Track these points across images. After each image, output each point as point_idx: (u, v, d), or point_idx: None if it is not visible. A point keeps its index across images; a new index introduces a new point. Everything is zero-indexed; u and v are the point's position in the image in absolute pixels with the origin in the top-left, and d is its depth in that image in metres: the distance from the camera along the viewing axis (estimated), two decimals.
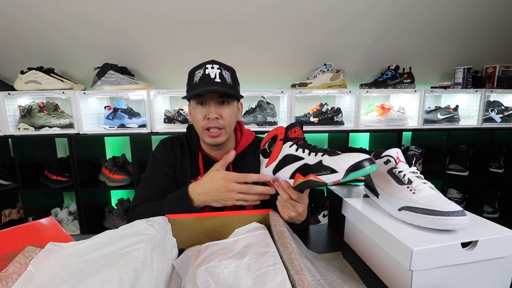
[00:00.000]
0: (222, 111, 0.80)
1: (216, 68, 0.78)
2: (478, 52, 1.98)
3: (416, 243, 0.46)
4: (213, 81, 0.77)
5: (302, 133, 0.64)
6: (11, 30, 1.64)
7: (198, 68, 0.80)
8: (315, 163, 0.56)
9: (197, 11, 1.64)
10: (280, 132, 0.65)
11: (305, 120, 1.70)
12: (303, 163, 0.58)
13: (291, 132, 0.63)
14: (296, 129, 0.63)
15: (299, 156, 0.60)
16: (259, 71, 1.90)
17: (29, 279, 0.44)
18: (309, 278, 0.42)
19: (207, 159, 0.88)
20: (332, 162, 0.53)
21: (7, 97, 1.58)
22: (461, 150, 1.86)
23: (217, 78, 0.77)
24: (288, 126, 0.64)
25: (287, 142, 0.63)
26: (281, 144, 0.64)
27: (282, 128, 0.64)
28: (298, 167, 0.59)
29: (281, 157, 0.63)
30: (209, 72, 0.77)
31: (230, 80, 0.80)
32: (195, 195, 0.67)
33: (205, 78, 0.77)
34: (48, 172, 1.69)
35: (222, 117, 0.80)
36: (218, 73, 0.78)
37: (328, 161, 0.54)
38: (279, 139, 0.64)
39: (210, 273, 0.49)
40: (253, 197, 0.65)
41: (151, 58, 1.83)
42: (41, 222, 0.59)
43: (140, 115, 1.69)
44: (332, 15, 1.71)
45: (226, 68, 0.81)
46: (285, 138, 0.63)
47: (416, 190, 0.55)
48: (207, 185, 0.67)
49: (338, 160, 0.53)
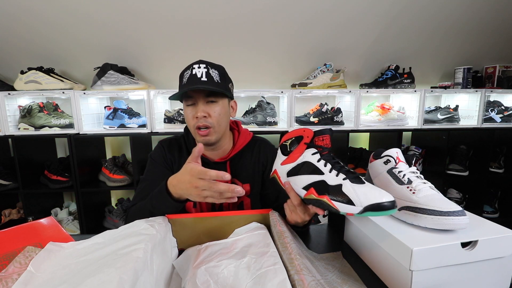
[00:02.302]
0: (210, 109, 0.80)
1: (203, 67, 0.79)
2: (478, 52, 1.98)
3: (416, 243, 0.46)
4: (199, 80, 0.77)
5: (330, 143, 0.58)
6: (11, 30, 1.64)
7: (186, 69, 0.80)
8: (334, 185, 0.52)
9: (197, 11, 1.64)
10: (307, 135, 0.59)
11: (305, 120, 1.70)
12: (321, 179, 0.54)
13: (319, 139, 0.58)
14: (325, 137, 0.58)
15: (319, 169, 0.55)
16: (259, 71, 1.90)
17: (29, 279, 0.44)
18: (309, 278, 0.42)
19: (205, 160, 0.87)
20: (353, 193, 0.50)
21: (7, 97, 1.58)
22: (461, 150, 1.86)
23: (203, 77, 0.77)
24: (317, 131, 0.58)
25: (311, 148, 0.58)
26: (304, 148, 0.59)
27: (311, 132, 0.59)
28: (315, 181, 0.55)
29: (300, 161, 0.59)
30: (196, 72, 0.78)
31: (218, 78, 0.80)
32: (172, 187, 0.65)
33: (192, 78, 0.78)
34: (48, 172, 1.69)
35: (210, 116, 0.80)
36: (204, 72, 0.78)
37: (349, 189, 0.51)
38: (303, 142, 0.59)
39: (210, 273, 0.49)
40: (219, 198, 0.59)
41: (151, 58, 1.83)
42: (41, 222, 0.59)
43: (140, 115, 1.69)
44: (332, 15, 1.71)
45: (213, 67, 0.81)
46: (310, 143, 0.58)
47: (416, 190, 0.55)
48: (180, 178, 0.63)
49: (359, 191, 0.50)
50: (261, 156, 0.92)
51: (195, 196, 0.60)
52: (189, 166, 0.62)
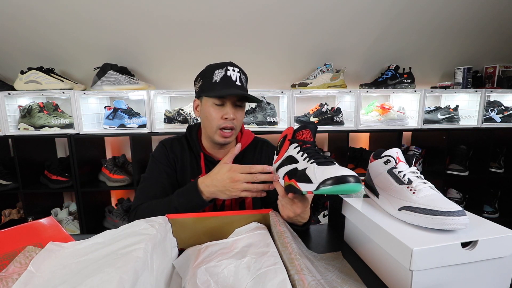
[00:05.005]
0: (237, 113, 0.83)
1: (236, 71, 0.81)
2: (478, 52, 1.98)
3: (416, 243, 0.46)
4: (235, 84, 0.79)
5: (311, 137, 0.63)
6: (11, 30, 1.64)
7: (218, 68, 0.80)
8: (301, 169, 0.57)
9: (197, 11, 1.64)
10: (289, 132, 0.66)
11: (305, 120, 1.70)
12: (294, 167, 0.59)
13: (299, 134, 0.64)
14: (305, 131, 0.63)
15: (296, 159, 0.60)
16: (259, 71, 1.90)
17: (29, 279, 0.43)
18: (309, 278, 0.42)
19: (209, 158, 0.89)
20: (312, 172, 0.53)
21: (7, 97, 1.58)
22: (461, 150, 1.86)
23: (237, 82, 0.80)
24: (298, 128, 0.65)
25: (293, 143, 0.64)
26: (288, 144, 0.65)
27: (292, 129, 0.66)
28: (289, 169, 0.60)
29: (285, 156, 0.64)
30: (231, 74, 0.79)
31: (245, 84, 0.84)
32: (204, 187, 0.70)
33: (226, 80, 0.79)
34: (48, 172, 1.69)
35: (236, 119, 0.82)
36: (238, 76, 0.80)
37: (311, 170, 0.54)
38: (287, 139, 0.66)
39: (210, 273, 0.49)
40: (258, 186, 0.66)
41: (151, 58, 1.83)
42: (41, 222, 0.59)
43: (140, 115, 1.69)
44: (332, 15, 1.71)
45: (243, 73, 0.84)
46: (292, 139, 0.65)
47: (416, 190, 0.55)
48: (214, 177, 0.69)
49: (319, 170, 0.53)
50: (263, 156, 0.94)
51: (231, 190, 0.67)
52: (228, 165, 0.69)
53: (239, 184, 0.66)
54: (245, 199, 0.89)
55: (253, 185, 0.66)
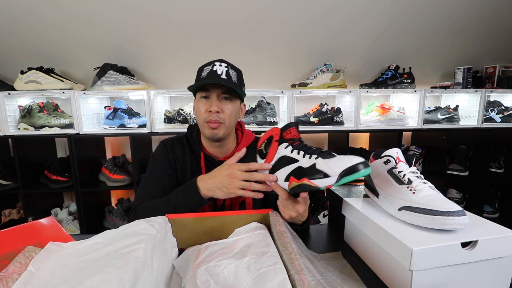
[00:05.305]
0: (223, 106, 0.82)
1: (223, 66, 0.81)
2: (478, 52, 1.98)
3: (416, 243, 0.46)
4: (219, 77, 0.80)
5: (298, 134, 0.63)
6: (11, 30, 1.64)
7: (207, 65, 0.82)
8: (308, 166, 0.55)
9: (197, 11, 1.64)
10: (275, 133, 0.65)
11: (305, 120, 1.70)
12: (297, 166, 0.58)
13: (286, 133, 0.63)
14: (292, 129, 0.63)
15: (294, 158, 0.59)
16: (259, 71, 1.90)
17: (29, 279, 0.43)
18: (309, 278, 0.42)
19: (209, 158, 0.88)
20: (325, 166, 0.53)
21: (7, 97, 1.58)
22: (461, 150, 1.86)
23: (223, 75, 0.80)
24: (283, 127, 0.64)
25: (282, 143, 0.63)
26: (276, 146, 0.64)
27: (278, 129, 0.65)
28: (293, 169, 0.59)
29: (277, 158, 0.63)
30: (217, 69, 0.80)
31: (235, 79, 0.83)
32: (203, 183, 0.70)
33: (212, 74, 0.80)
34: (48, 172, 1.69)
35: (223, 112, 0.82)
36: (225, 70, 0.81)
37: (321, 164, 0.53)
38: (274, 140, 0.64)
39: (210, 273, 0.49)
40: (254, 185, 0.66)
41: (151, 58, 1.83)
42: (41, 222, 0.59)
43: (140, 115, 1.69)
44: (332, 15, 1.71)
45: (233, 68, 0.84)
46: (280, 140, 0.63)
47: (416, 190, 0.55)
48: (213, 173, 0.70)
49: (331, 163, 0.52)
50: None
51: (229, 187, 0.66)
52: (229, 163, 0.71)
53: (236, 181, 0.66)
54: (245, 199, 0.89)
55: (250, 183, 0.66)
